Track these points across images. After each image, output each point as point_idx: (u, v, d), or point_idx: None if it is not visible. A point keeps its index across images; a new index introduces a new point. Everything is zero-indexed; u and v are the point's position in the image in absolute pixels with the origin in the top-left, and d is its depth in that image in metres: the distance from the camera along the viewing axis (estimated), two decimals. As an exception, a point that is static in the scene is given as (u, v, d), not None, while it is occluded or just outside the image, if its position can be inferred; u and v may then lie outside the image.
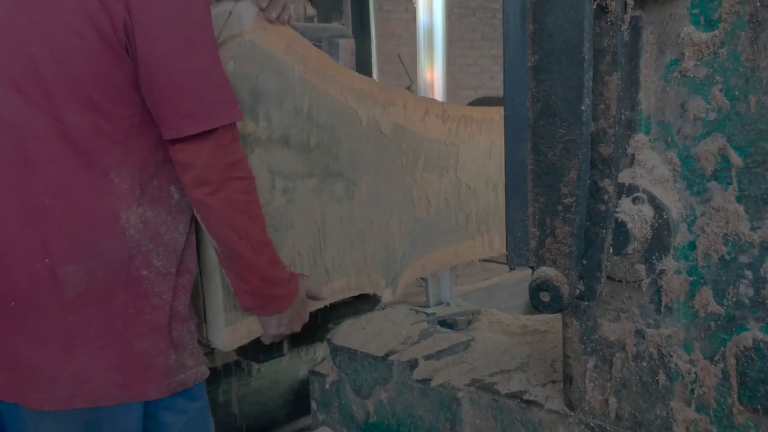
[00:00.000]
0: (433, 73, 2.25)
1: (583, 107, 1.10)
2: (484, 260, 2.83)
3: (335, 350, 1.92)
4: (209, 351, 1.58)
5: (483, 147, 2.29)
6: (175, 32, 1.25)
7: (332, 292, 1.79)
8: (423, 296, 2.30)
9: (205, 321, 1.53)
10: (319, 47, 2.48)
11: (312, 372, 2.00)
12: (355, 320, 2.03)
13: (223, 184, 1.30)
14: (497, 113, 2.32)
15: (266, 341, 1.60)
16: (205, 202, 1.30)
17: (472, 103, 3.23)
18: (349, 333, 1.96)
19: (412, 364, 1.73)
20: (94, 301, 1.29)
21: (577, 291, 1.21)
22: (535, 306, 1.18)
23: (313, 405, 2.00)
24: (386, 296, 1.99)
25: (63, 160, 1.27)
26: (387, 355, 1.80)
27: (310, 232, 1.69)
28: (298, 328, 1.58)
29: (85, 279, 1.28)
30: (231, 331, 1.52)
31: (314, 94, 1.65)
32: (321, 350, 2.10)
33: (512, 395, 1.49)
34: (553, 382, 1.50)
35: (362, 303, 2.03)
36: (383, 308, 2.13)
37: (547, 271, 1.17)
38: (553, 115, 1.13)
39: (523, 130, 1.17)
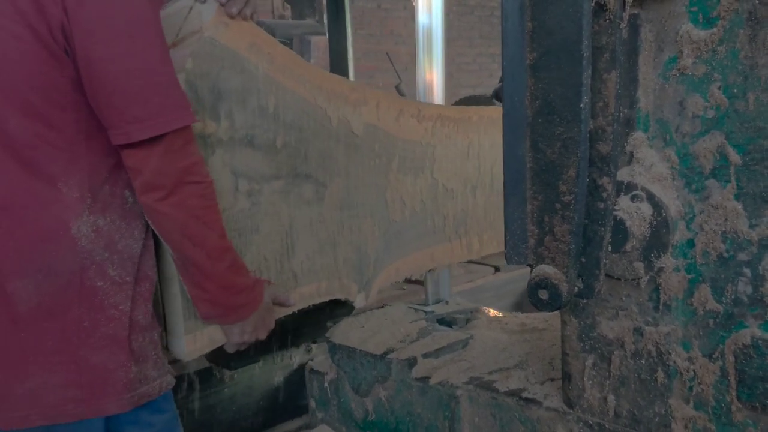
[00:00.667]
0: (432, 72, 2.24)
1: (581, 105, 1.10)
2: (468, 262, 2.78)
3: (334, 348, 1.92)
4: (175, 359, 1.54)
5: (461, 147, 2.23)
6: (115, 33, 1.18)
7: (301, 298, 1.72)
8: (422, 294, 2.30)
9: (165, 329, 1.48)
10: (290, 45, 2.43)
11: (310, 370, 2.00)
12: (354, 318, 2.03)
13: (176, 189, 1.24)
14: (476, 113, 2.28)
15: (230, 350, 1.54)
16: (155, 208, 1.25)
17: (458, 103, 3.21)
18: (347, 331, 1.96)
19: (411, 363, 1.73)
20: (47, 315, 1.24)
21: (576, 289, 1.21)
22: (534, 304, 1.18)
23: (312, 403, 2.00)
24: (359, 301, 1.94)
25: (4, 170, 1.21)
26: (386, 353, 1.80)
27: (276, 236, 1.63)
28: (263, 336, 1.53)
29: (36, 293, 1.23)
30: (191, 340, 1.47)
31: (281, 92, 1.58)
32: (297, 356, 2.08)
33: (511, 393, 1.49)
34: (552, 379, 1.50)
35: (339, 308, 1.99)
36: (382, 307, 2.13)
37: (546, 269, 1.17)
38: (551, 112, 1.13)
39: (522, 128, 1.17)
